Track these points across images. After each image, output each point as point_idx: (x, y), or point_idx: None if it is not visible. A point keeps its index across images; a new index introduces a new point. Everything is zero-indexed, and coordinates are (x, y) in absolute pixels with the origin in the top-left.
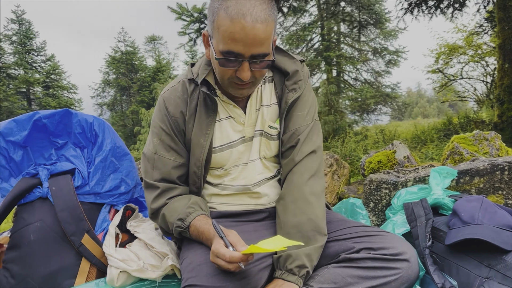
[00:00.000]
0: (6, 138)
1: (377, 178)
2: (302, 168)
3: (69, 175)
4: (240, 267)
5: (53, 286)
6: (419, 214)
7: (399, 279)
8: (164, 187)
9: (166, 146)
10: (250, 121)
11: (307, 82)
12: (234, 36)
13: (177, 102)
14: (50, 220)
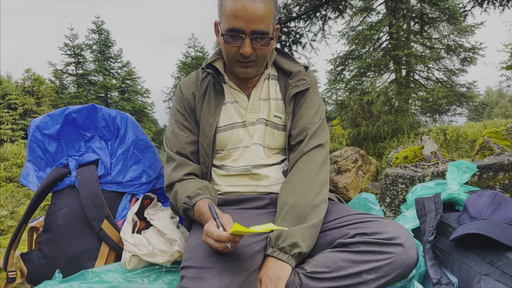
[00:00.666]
0: (42, 131)
1: (393, 173)
2: (309, 157)
3: (93, 166)
4: (227, 247)
5: (76, 267)
6: (429, 209)
7: (392, 263)
8: (179, 160)
9: (180, 125)
10: (252, 107)
11: (315, 85)
12: (236, 13)
13: (189, 86)
14: (76, 206)
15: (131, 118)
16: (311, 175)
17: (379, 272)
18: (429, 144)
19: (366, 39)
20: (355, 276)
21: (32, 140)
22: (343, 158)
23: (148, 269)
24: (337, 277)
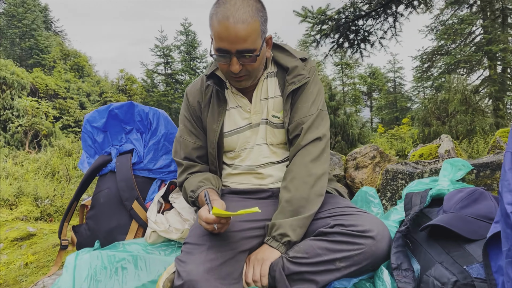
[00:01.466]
0: (91, 124)
1: (393, 169)
2: (305, 152)
3: (129, 154)
4: (214, 228)
5: (112, 239)
6: (415, 204)
7: (362, 254)
8: (187, 164)
9: (188, 131)
10: (255, 109)
11: (312, 76)
12: (221, 35)
13: (195, 94)
14: (114, 188)
15: (164, 114)
16: (306, 169)
17: (350, 260)
18: (446, 142)
19: (456, 33)
20: (329, 263)
21: (84, 132)
22: (362, 154)
23: (165, 244)
24: (313, 262)
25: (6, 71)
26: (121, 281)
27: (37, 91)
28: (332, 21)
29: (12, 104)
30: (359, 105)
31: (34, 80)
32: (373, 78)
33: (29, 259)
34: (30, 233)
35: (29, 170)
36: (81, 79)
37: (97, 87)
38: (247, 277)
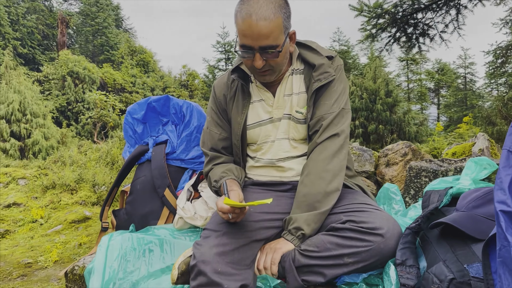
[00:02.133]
0: (132, 116)
1: (417, 166)
2: (322, 147)
3: (164, 145)
4: (229, 217)
5: (145, 223)
6: (432, 201)
7: (370, 251)
8: (212, 155)
9: (214, 122)
10: (277, 104)
11: (338, 74)
12: (244, 32)
13: (221, 87)
14: (149, 176)
15: (197, 107)
16: (322, 165)
17: (358, 257)
18: (481, 141)
19: None
20: (338, 258)
21: (126, 123)
22: (393, 151)
23: (191, 230)
24: (322, 256)
25: (79, 66)
26: (147, 262)
27: (105, 85)
28: (389, 14)
29: (83, 97)
30: (425, 102)
31: (103, 75)
32: (441, 74)
33: (83, 240)
34: (86, 216)
35: (91, 158)
36: (146, 74)
37: (161, 82)
38: (259, 263)
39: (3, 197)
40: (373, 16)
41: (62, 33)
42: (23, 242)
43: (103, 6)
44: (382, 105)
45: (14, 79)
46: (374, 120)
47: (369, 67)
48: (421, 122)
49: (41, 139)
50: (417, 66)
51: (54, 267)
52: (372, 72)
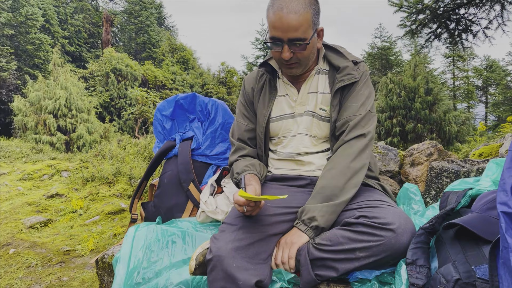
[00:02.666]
0: (161, 113)
1: (438, 166)
2: (347, 146)
3: (190, 141)
4: (244, 210)
5: (170, 216)
6: (450, 202)
7: (381, 246)
8: (238, 145)
9: (242, 114)
10: (301, 100)
11: (364, 79)
12: (275, 24)
13: (250, 81)
14: (176, 170)
15: (223, 105)
16: (345, 161)
17: (369, 251)
18: (509, 141)
19: None
20: (350, 252)
21: (155, 119)
22: (418, 151)
23: (213, 223)
24: (335, 250)
25: (122, 63)
26: (170, 253)
27: (147, 82)
28: (430, 10)
29: (125, 94)
30: (472, 100)
31: (145, 72)
32: (489, 71)
33: (118, 230)
34: (122, 208)
35: (129, 153)
36: (186, 71)
37: (200, 79)
38: (276, 259)
39: (48, 188)
40: (413, 11)
41: (107, 32)
42: (63, 231)
43: (146, 4)
44: (421, 103)
45: (61, 76)
46: (412, 118)
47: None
48: (463, 121)
49: (85, 134)
50: (464, 63)
51: (90, 255)
52: (411, 70)
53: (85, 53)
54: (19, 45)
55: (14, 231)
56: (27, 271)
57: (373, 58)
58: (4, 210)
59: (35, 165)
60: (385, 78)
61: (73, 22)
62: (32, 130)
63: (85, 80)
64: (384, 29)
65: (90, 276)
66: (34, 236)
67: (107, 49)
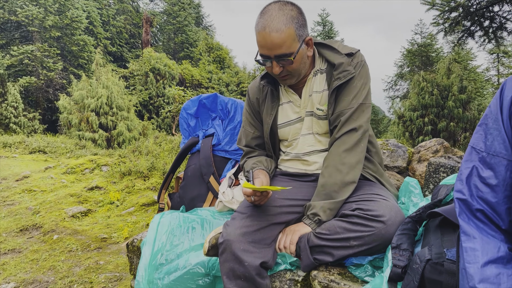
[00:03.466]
0: (186, 111)
1: (435, 162)
2: (340, 142)
3: (211, 137)
4: (251, 200)
5: (193, 206)
6: (440, 194)
7: (372, 235)
8: (247, 150)
9: (248, 122)
10: (304, 104)
11: (358, 70)
12: (261, 43)
13: (254, 91)
14: (198, 164)
15: (241, 104)
16: (339, 159)
17: (361, 240)
18: None
19: None
20: (344, 241)
21: (181, 117)
22: (425, 148)
23: (230, 212)
24: (332, 239)
25: (160, 63)
26: (190, 237)
27: (184, 81)
28: (463, 7)
29: (163, 92)
30: None
31: (182, 71)
32: None
33: (150, 220)
34: (155, 200)
35: (164, 149)
36: (222, 70)
37: (235, 78)
38: (279, 243)
39: (88, 181)
40: (445, 9)
41: (146, 32)
42: (101, 220)
43: (185, 5)
44: (454, 102)
45: (103, 75)
46: (445, 117)
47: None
48: None
49: (125, 131)
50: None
51: (124, 242)
52: (445, 68)
53: (126, 53)
54: (65, 46)
55: (58, 220)
56: (68, 255)
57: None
58: (49, 200)
59: (77, 160)
60: (418, 76)
61: (115, 24)
62: (76, 127)
63: (125, 79)
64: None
65: (124, 260)
66: (75, 224)
67: (146, 49)
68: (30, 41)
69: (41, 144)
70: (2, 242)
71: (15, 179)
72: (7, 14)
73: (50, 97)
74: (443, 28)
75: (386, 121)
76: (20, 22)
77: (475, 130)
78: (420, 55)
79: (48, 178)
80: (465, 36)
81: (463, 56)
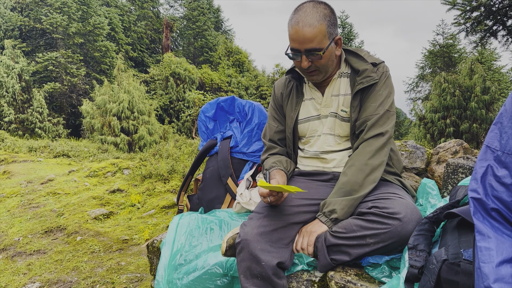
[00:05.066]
0: (204, 114)
1: (454, 163)
2: (366, 144)
3: (229, 139)
4: (267, 200)
5: (211, 207)
6: (458, 195)
7: (388, 233)
8: (269, 145)
9: (272, 117)
10: (325, 103)
11: (384, 79)
12: (292, 37)
13: (280, 86)
14: (216, 166)
15: (259, 106)
16: (364, 159)
17: (377, 238)
18: None
19: None
20: (361, 238)
21: (199, 120)
22: (444, 149)
23: (247, 213)
24: (348, 237)
25: (180, 68)
26: (208, 238)
27: (203, 85)
28: (485, 7)
29: (183, 97)
30: None
31: (202, 76)
32: None
33: None
34: (175, 203)
35: (184, 152)
36: (241, 74)
37: (255, 81)
38: (297, 245)
39: (110, 184)
40: (467, 9)
41: (167, 37)
42: (123, 222)
43: (204, 10)
44: (477, 103)
45: (124, 80)
46: (467, 118)
47: (464, 62)
48: None
49: (146, 135)
50: None
51: (145, 243)
52: (467, 68)
53: (147, 58)
54: (88, 52)
55: (81, 221)
56: (91, 256)
57: (435, 56)
58: (72, 203)
59: (100, 164)
60: (439, 77)
61: (136, 29)
62: (98, 131)
63: (146, 84)
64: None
65: (144, 261)
66: (97, 226)
67: (166, 54)
68: (54, 48)
69: (65, 148)
70: (28, 243)
71: (40, 182)
72: (32, 22)
73: (73, 102)
74: (465, 28)
75: (407, 123)
76: (44, 29)
77: (490, 129)
78: (442, 56)
79: (71, 181)
80: (487, 35)
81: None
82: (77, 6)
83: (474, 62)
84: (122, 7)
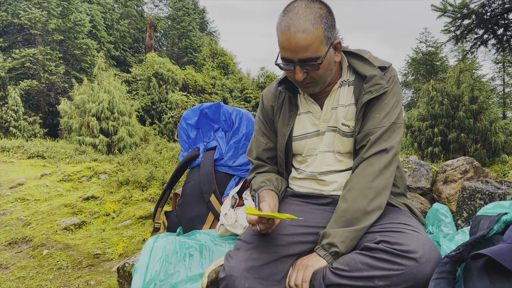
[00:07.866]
0: (186, 121)
1: (471, 186)
2: (368, 163)
3: (213, 151)
4: (257, 228)
5: (191, 227)
6: (481, 228)
7: (402, 275)
8: (256, 163)
9: (261, 132)
10: (325, 117)
11: (391, 86)
12: (283, 45)
13: (269, 97)
14: (198, 180)
15: (247, 114)
16: (366, 182)
17: (389, 280)
18: None
19: None
20: (368, 280)
21: (180, 128)
22: (452, 168)
23: (232, 237)
24: (353, 276)
25: (164, 68)
26: (187, 266)
27: (187, 86)
28: (476, 15)
29: (166, 98)
30: None
31: (185, 77)
32: None
33: (147, 236)
34: (152, 213)
35: (165, 157)
36: (226, 76)
37: (239, 84)
38: (290, 280)
39: (85, 189)
40: (457, 16)
41: (150, 37)
42: (95, 234)
43: (189, 10)
44: (465, 112)
45: (105, 79)
46: (455, 128)
47: (452, 71)
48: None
49: (126, 136)
50: None
51: (118, 259)
52: (455, 77)
53: (129, 57)
54: (67, 50)
55: (49, 232)
56: (57, 273)
57: (417, 63)
58: (42, 211)
59: (75, 167)
60: (427, 85)
61: (118, 28)
62: (76, 132)
63: (128, 84)
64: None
65: (116, 282)
66: (67, 238)
67: (150, 53)
68: (32, 44)
69: (40, 149)
70: None
71: (9, 187)
72: (10, 16)
73: (51, 101)
74: (455, 36)
75: None
76: (22, 25)
77: None
78: (425, 64)
79: (43, 186)
80: (477, 44)
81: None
82: (57, 2)
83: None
84: (105, 4)
